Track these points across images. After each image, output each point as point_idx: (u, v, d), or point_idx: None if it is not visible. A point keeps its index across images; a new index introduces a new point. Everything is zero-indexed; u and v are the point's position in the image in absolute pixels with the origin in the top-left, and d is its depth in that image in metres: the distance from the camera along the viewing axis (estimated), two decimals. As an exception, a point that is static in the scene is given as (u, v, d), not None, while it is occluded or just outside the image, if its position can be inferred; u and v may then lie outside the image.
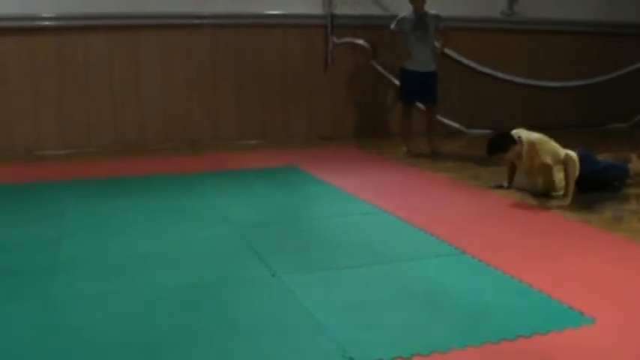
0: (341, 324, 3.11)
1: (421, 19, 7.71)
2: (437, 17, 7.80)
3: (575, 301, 3.32)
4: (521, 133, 5.69)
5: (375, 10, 8.55)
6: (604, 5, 10.14)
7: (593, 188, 5.66)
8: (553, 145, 5.54)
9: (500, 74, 9.66)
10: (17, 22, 7.89)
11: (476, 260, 4.02)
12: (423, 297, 3.46)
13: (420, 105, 8.35)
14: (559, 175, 5.59)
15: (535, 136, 5.61)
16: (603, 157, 6.01)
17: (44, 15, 7.95)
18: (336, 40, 8.93)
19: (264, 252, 4.16)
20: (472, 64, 9.55)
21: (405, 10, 7.83)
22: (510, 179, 6.03)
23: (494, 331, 3.01)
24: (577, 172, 5.41)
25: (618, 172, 5.82)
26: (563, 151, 5.47)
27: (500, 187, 6.00)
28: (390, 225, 4.86)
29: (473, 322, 3.14)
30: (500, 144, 5.63)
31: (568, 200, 5.35)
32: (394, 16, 7.91)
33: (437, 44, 8.01)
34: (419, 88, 7.84)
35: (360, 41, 8.81)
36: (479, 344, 2.88)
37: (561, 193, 5.53)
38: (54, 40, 8.03)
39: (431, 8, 7.75)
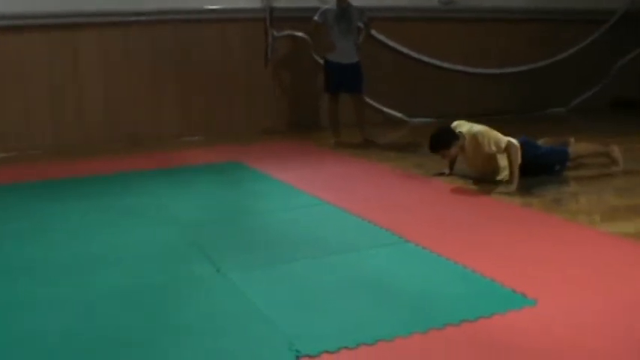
0: (287, 318, 3.11)
1: (344, 12, 7.81)
2: (360, 11, 7.90)
3: (517, 284, 3.38)
4: (462, 126, 5.74)
5: (314, 3, 8.53)
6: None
7: (536, 173, 5.75)
8: (495, 134, 5.59)
9: (440, 62, 9.75)
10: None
11: (419, 248, 4.05)
12: (369, 287, 3.48)
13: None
14: (503, 163, 5.67)
15: (476, 128, 5.66)
16: (543, 142, 6.11)
17: None
18: (275, 34, 8.92)
19: (210, 249, 4.13)
20: (412, 53, 9.62)
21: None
22: (451, 166, 6.09)
23: (439, 317, 3.05)
24: (519, 159, 5.48)
25: (559, 156, 5.91)
26: (505, 139, 5.53)
27: (442, 174, 6.06)
28: (334, 216, 4.87)
29: (418, 309, 3.17)
30: (443, 140, 5.67)
31: (513, 187, 5.42)
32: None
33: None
34: (342, 79, 7.91)
35: (300, 34, 8.81)
36: (424, 331, 2.91)
37: (505, 178, 5.60)
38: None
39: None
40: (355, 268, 3.78)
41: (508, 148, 5.48)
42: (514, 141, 5.50)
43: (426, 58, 9.68)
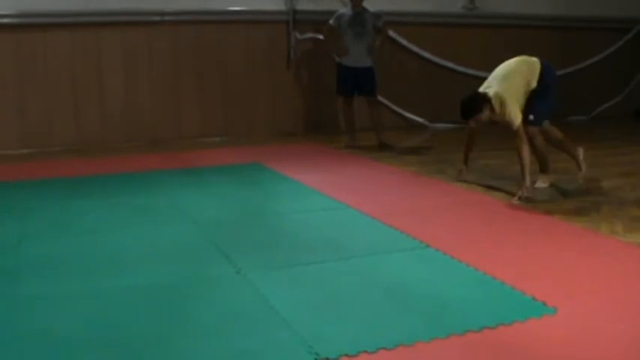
0: (306, 320, 3.11)
1: (358, 16, 7.85)
2: (376, 15, 7.92)
3: (538, 292, 3.35)
4: (489, 87, 5.60)
5: (337, 6, 8.54)
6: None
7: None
8: (515, 107, 5.46)
9: (462, 68, 9.72)
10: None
11: (440, 253, 4.04)
12: (388, 291, 3.46)
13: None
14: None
15: (502, 87, 5.53)
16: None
17: (3, 12, 7.83)
18: (298, 36, 8.93)
19: (229, 249, 4.13)
20: (434, 58, 9.60)
21: (367, 5, 7.90)
22: (466, 159, 6.07)
23: (460, 323, 3.03)
24: (527, 155, 5.41)
25: (545, 110, 5.78)
26: (518, 121, 5.40)
27: (460, 173, 6.04)
28: (354, 220, 4.86)
29: (438, 314, 3.15)
30: (474, 105, 5.55)
31: (527, 187, 5.35)
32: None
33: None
34: (355, 82, 7.96)
35: (322, 37, 8.81)
36: (444, 336, 2.90)
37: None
38: (13, 37, 7.92)
39: (393, 4, 7.79)
40: (375, 272, 3.77)
41: (519, 140, 5.40)
42: (522, 134, 5.41)
43: (448, 64, 9.66)
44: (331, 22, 7.98)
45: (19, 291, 3.55)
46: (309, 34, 8.99)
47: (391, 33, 8.75)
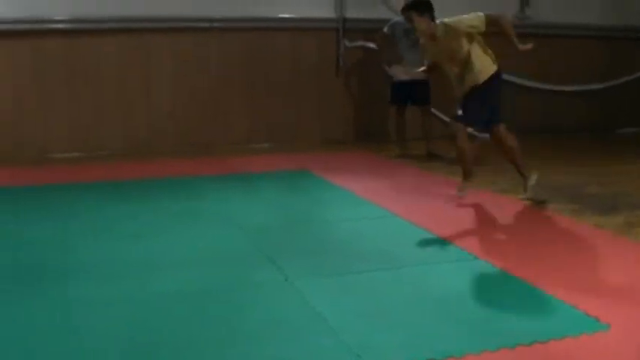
0: (354, 328, 3.08)
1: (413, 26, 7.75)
2: None
3: (590, 307, 3.28)
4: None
5: (387, 14, 8.51)
6: (614, 9, 10.08)
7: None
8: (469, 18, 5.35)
9: (513, 78, 9.61)
10: (28, 24, 7.90)
11: (490, 265, 3.98)
12: (437, 302, 3.43)
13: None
14: (479, 62, 5.44)
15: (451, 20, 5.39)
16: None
17: (55, 18, 7.97)
18: (347, 44, 8.92)
19: (276, 256, 4.13)
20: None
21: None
22: (429, 69, 6.03)
23: (510, 336, 2.97)
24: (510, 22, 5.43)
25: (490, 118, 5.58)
26: (480, 15, 5.30)
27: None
28: (403, 229, 4.82)
29: (488, 327, 3.11)
30: (418, 4, 5.47)
31: (522, 45, 5.38)
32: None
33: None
34: (409, 91, 7.91)
35: (372, 45, 8.78)
36: (494, 349, 2.85)
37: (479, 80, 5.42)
38: (64, 43, 8.05)
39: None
40: (425, 282, 3.74)
41: (493, 19, 5.31)
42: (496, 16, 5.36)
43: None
44: (385, 29, 7.94)
45: (66, 293, 3.59)
46: (359, 42, 8.97)
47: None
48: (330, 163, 7.49)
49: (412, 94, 7.90)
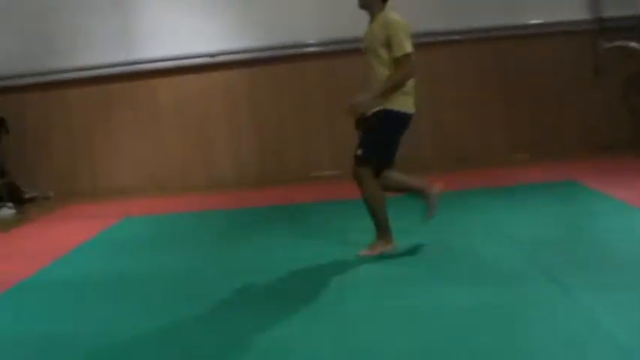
0: (649, 349, 2.90)
1: None
2: None
3: None
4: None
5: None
6: None
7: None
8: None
9: None
10: (291, 50, 8.43)
11: None
12: None
13: None
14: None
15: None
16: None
17: (310, 42, 8.41)
18: (606, 45, 8.50)
19: (555, 270, 4.01)
20: None
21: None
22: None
23: None
24: (400, 83, 4.55)
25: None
26: (407, 50, 4.54)
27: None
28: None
29: None
30: None
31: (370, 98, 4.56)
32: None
33: None
34: None
35: (634, 44, 8.30)
36: None
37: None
38: (320, 65, 8.43)
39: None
40: None
41: (401, 62, 4.54)
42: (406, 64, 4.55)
43: None
44: None
45: (348, 309, 3.72)
46: (618, 43, 8.51)
47: None
48: (598, 171, 7.14)
49: None
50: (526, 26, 8.49)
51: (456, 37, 8.46)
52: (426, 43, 8.31)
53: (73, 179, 8.86)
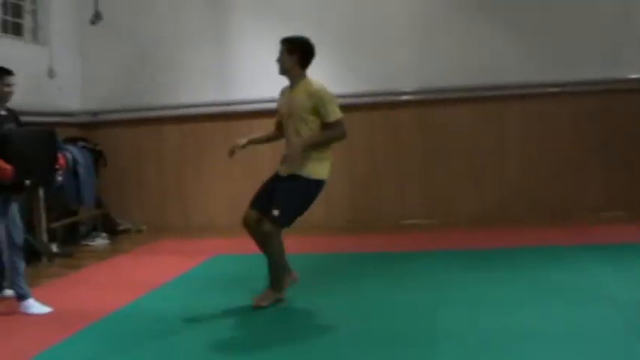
0: None
1: None
2: None
3: None
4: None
5: None
6: None
7: None
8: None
9: None
10: (382, 97, 8.52)
11: None
12: None
13: None
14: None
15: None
16: None
17: (405, 89, 8.42)
18: None
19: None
20: None
21: None
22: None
23: None
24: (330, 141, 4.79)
25: None
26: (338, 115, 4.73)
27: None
28: None
29: None
30: (295, 42, 4.86)
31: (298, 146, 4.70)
32: None
33: None
34: None
35: None
36: None
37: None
38: (416, 113, 8.44)
39: None
40: None
41: (335, 125, 4.71)
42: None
43: None
44: None
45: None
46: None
47: None
48: None
49: None
50: (626, 80, 8.30)
51: (556, 90, 8.33)
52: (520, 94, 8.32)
53: (164, 214, 9.05)
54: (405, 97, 8.52)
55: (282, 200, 4.70)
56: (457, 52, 8.38)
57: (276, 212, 4.67)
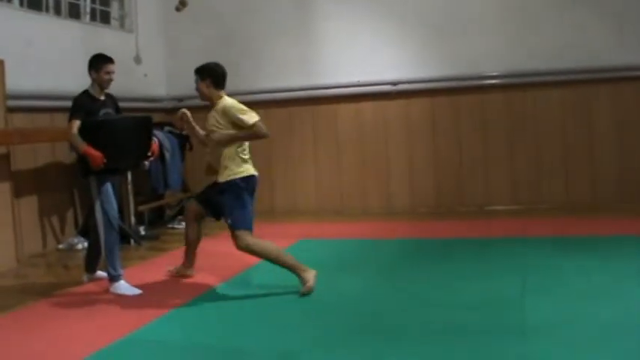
0: None
1: None
2: None
3: None
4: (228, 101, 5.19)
5: None
6: None
7: None
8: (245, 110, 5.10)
9: None
10: (470, 81, 8.36)
11: None
12: None
13: None
14: (226, 163, 5.09)
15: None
16: None
17: (492, 74, 8.28)
18: None
19: None
20: None
21: None
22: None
23: None
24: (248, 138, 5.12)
25: None
26: (255, 118, 5.03)
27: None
28: None
29: None
30: (207, 69, 5.28)
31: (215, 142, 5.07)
32: None
33: None
34: None
35: None
36: None
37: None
38: (502, 97, 8.30)
39: None
40: None
41: (253, 127, 5.03)
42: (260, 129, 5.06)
43: None
44: None
45: (526, 351, 3.54)
46: None
47: None
48: None
49: None
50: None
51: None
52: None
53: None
54: (490, 82, 8.34)
55: (226, 209, 5.07)
56: (543, 34, 8.15)
57: (229, 220, 5.05)
